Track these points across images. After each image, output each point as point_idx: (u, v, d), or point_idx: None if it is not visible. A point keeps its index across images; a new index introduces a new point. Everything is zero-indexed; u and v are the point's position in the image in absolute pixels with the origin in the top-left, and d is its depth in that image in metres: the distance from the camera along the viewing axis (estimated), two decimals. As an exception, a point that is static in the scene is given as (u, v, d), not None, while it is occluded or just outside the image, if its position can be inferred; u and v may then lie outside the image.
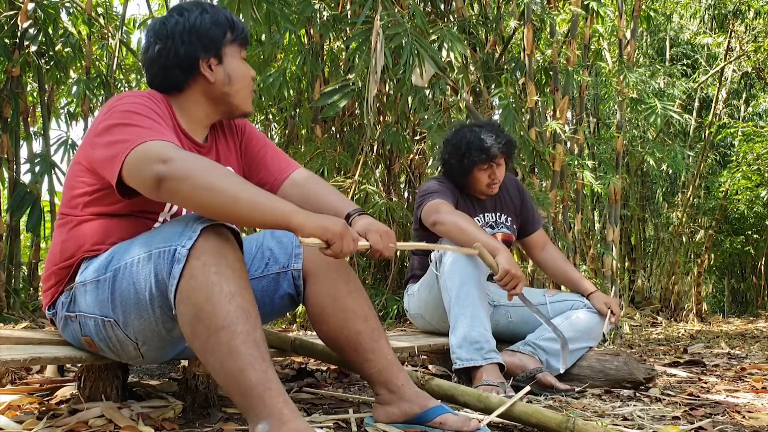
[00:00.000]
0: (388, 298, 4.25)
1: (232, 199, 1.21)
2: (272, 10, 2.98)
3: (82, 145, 1.46)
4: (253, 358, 1.18)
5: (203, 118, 1.53)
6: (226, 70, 1.49)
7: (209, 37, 1.46)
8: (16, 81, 3.83)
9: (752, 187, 7.50)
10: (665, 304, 7.69)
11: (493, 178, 2.39)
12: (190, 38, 1.45)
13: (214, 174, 1.23)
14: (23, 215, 3.75)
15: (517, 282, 2.04)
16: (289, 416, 1.16)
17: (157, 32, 1.47)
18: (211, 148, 1.58)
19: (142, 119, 1.32)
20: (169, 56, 1.45)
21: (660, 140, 6.42)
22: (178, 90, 1.49)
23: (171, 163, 1.21)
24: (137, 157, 1.25)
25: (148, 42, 1.49)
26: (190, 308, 1.21)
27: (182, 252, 1.23)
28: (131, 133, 1.29)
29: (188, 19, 1.46)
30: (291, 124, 4.92)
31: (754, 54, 7.26)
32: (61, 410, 1.51)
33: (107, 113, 1.36)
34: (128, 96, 1.40)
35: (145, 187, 1.26)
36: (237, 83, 1.51)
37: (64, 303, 1.45)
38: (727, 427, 1.57)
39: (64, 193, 1.49)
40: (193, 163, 1.23)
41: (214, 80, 1.48)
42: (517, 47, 5.12)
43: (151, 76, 1.50)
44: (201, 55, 1.46)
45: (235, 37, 1.51)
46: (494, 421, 1.50)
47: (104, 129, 1.34)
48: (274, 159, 1.65)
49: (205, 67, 1.47)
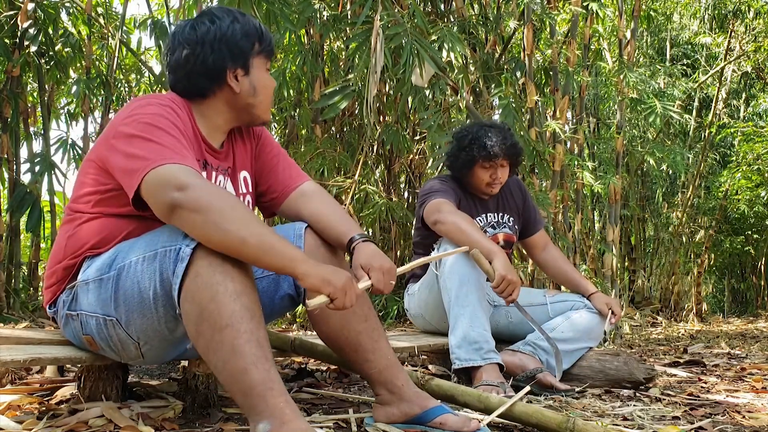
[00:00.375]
0: (388, 298, 4.25)
1: (240, 241, 1.21)
2: (272, 9, 2.99)
3: (98, 143, 1.44)
4: (256, 358, 1.18)
5: (222, 125, 1.53)
6: (252, 81, 1.48)
7: (239, 47, 1.45)
8: (16, 81, 3.83)
9: (752, 187, 7.50)
10: (665, 304, 7.69)
11: (494, 178, 2.39)
12: (220, 47, 1.43)
13: (228, 211, 1.22)
14: (23, 215, 3.75)
15: (513, 288, 2.04)
16: (290, 416, 1.16)
17: (186, 37, 1.45)
18: (228, 154, 1.57)
19: (163, 136, 1.31)
20: (196, 63, 1.44)
21: (660, 140, 6.42)
22: (201, 96, 1.48)
23: (187, 191, 1.22)
24: (155, 180, 1.25)
25: (175, 45, 1.47)
26: (195, 307, 1.21)
27: (186, 251, 1.23)
28: (152, 150, 1.28)
29: (219, 27, 1.44)
30: (291, 124, 4.92)
31: (754, 54, 7.26)
32: (61, 410, 1.51)
33: (129, 119, 1.35)
34: (152, 104, 1.38)
35: (159, 211, 1.26)
36: (261, 94, 1.51)
37: (66, 301, 1.45)
38: (727, 427, 1.57)
39: (75, 189, 1.49)
40: (208, 195, 1.23)
41: (239, 91, 1.47)
42: (517, 47, 5.12)
43: (175, 80, 1.48)
44: (229, 65, 1.45)
45: (263, 48, 1.50)
46: (494, 421, 1.50)
47: (125, 136, 1.33)
48: (286, 169, 1.66)
49: (231, 77, 1.46)
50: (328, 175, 3.99)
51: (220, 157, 1.54)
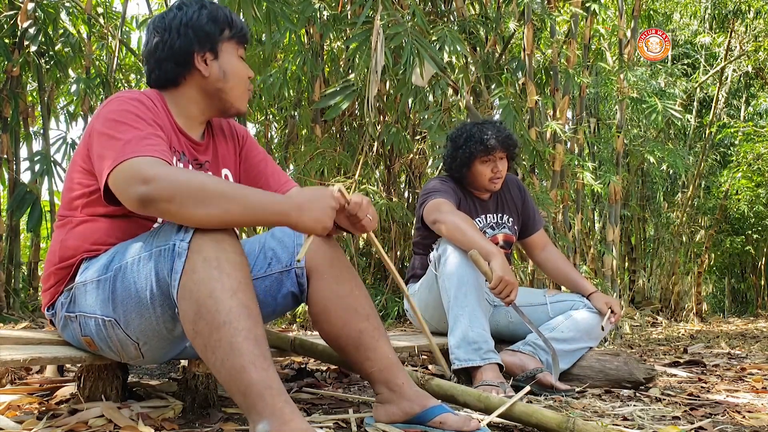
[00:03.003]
0: (388, 298, 4.25)
1: (224, 212, 1.22)
2: (273, 9, 2.98)
3: (80, 146, 1.46)
4: (254, 356, 1.18)
5: (198, 114, 1.54)
6: (222, 66, 1.50)
7: (205, 31, 1.48)
8: (16, 81, 3.83)
9: (752, 187, 7.50)
10: (665, 304, 7.69)
11: (495, 171, 2.39)
12: (186, 32, 1.47)
13: (198, 191, 1.22)
14: (23, 215, 3.75)
15: (511, 289, 2.03)
16: (289, 416, 1.15)
17: (156, 26, 1.50)
18: (208, 146, 1.58)
19: (127, 130, 1.31)
20: (164, 49, 1.47)
21: (661, 140, 6.42)
22: (173, 84, 1.51)
23: (153, 183, 1.21)
24: (119, 178, 1.25)
25: (148, 36, 1.52)
26: (192, 304, 1.21)
27: (182, 246, 1.23)
28: (113, 147, 1.29)
29: (186, 13, 1.48)
30: (291, 124, 4.92)
31: (754, 54, 7.26)
32: (61, 410, 1.50)
33: (98, 116, 1.37)
34: (116, 100, 1.39)
35: (131, 207, 1.27)
36: (231, 80, 1.52)
37: (64, 303, 1.45)
38: (727, 427, 1.57)
39: (63, 195, 1.50)
40: (175, 182, 1.22)
41: (208, 75, 1.49)
42: (518, 47, 5.12)
43: (149, 70, 1.52)
44: (196, 48, 1.48)
45: (233, 34, 1.52)
46: (494, 421, 1.49)
47: (96, 136, 1.35)
48: (274, 174, 1.68)
49: (199, 60, 1.48)
50: (328, 175, 3.99)
51: (200, 149, 1.55)
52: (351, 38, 3.47)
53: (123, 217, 1.43)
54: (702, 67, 8.11)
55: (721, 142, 8.52)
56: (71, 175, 1.46)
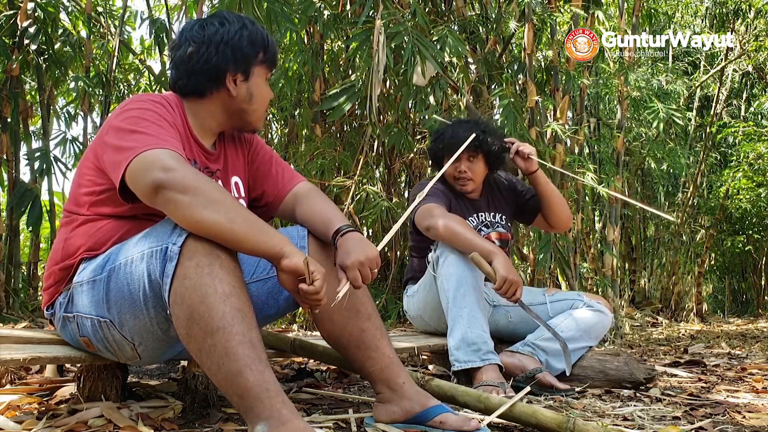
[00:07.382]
0: (387, 299, 4.25)
1: (230, 221, 1.21)
2: (273, 8, 2.98)
3: (93, 143, 1.46)
4: (250, 360, 1.17)
5: (215, 126, 1.55)
6: (250, 88, 1.51)
7: (243, 53, 1.48)
8: (16, 80, 3.83)
9: (753, 187, 7.49)
10: (666, 304, 7.69)
11: (460, 172, 2.35)
12: (224, 50, 1.46)
13: (214, 193, 1.23)
14: (23, 213, 3.75)
15: (516, 287, 2.02)
16: (287, 416, 1.15)
17: (194, 35, 1.48)
18: (220, 156, 1.58)
19: (149, 126, 1.32)
20: (199, 61, 1.46)
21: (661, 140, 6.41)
22: (198, 96, 1.50)
23: (173, 172, 1.22)
24: (140, 164, 1.25)
25: (181, 42, 1.50)
26: (185, 309, 1.21)
27: (174, 250, 1.22)
28: (138, 140, 1.29)
29: (228, 31, 1.47)
30: (291, 124, 4.92)
31: (755, 53, 7.25)
32: (61, 410, 1.50)
33: (118, 115, 1.37)
34: (139, 100, 1.40)
35: (144, 193, 1.26)
36: (256, 103, 1.53)
37: (62, 303, 1.45)
38: (728, 427, 1.57)
39: (72, 191, 1.50)
40: (194, 176, 1.23)
41: (236, 95, 1.50)
42: (518, 47, 5.12)
43: (176, 77, 1.50)
44: (231, 68, 1.47)
45: (267, 58, 1.53)
46: (494, 421, 1.49)
47: (114, 132, 1.35)
48: (279, 172, 1.67)
49: (230, 81, 1.48)
50: (328, 175, 3.98)
51: (212, 158, 1.55)
52: (351, 38, 3.47)
53: (128, 219, 1.42)
54: (702, 67, 8.10)
55: (722, 142, 8.52)
56: (82, 170, 1.46)
